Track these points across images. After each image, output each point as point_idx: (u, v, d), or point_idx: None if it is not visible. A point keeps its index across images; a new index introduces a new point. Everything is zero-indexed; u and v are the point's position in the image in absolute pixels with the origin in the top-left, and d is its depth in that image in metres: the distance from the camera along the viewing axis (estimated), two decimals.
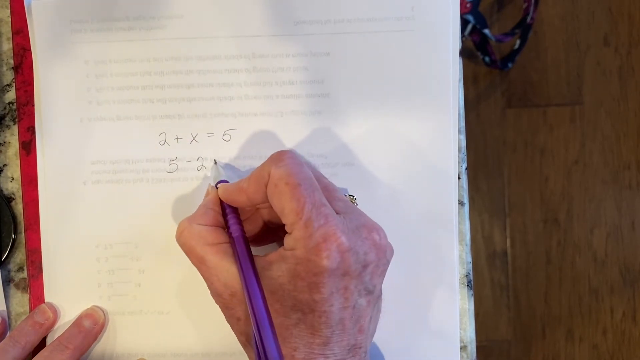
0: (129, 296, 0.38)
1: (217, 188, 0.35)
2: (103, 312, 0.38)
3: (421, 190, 0.38)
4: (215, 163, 0.38)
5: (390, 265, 0.32)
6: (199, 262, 0.32)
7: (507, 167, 1.08)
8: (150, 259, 0.38)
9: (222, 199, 0.34)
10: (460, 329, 0.39)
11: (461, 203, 0.39)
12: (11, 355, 0.36)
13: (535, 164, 1.08)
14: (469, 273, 0.39)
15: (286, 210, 0.30)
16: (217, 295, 0.32)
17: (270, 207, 0.32)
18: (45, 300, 0.38)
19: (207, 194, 0.35)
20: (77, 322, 0.37)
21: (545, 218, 1.07)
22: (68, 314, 0.38)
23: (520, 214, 1.07)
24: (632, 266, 1.07)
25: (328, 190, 0.32)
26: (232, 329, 0.33)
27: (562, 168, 1.07)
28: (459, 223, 0.39)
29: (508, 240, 1.07)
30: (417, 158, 0.38)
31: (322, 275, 0.29)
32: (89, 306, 0.38)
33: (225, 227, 0.34)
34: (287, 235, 0.31)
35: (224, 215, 0.34)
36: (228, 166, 0.38)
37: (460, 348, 0.39)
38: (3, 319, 0.39)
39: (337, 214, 0.31)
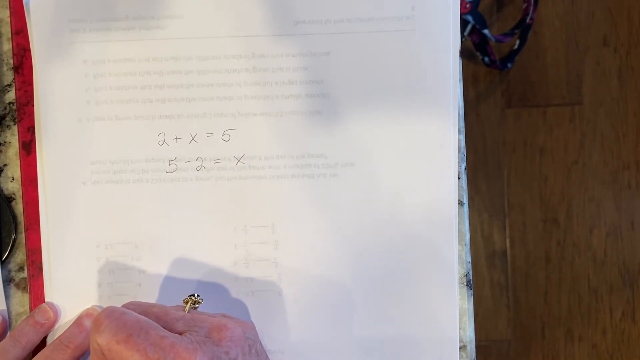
0: (129, 296, 0.38)
1: None
2: None
3: (421, 190, 0.38)
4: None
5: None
6: None
7: (507, 167, 1.08)
8: (150, 259, 0.38)
9: None
10: (459, 329, 0.39)
11: (461, 203, 0.39)
12: (12, 354, 0.36)
13: (535, 164, 1.08)
14: (468, 273, 0.39)
15: None
16: None
17: None
18: (46, 300, 0.38)
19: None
20: (78, 322, 0.37)
21: (544, 218, 1.07)
22: (68, 314, 0.38)
23: (520, 214, 1.07)
24: (632, 266, 1.07)
25: (160, 318, 0.32)
26: None
27: (561, 168, 1.07)
28: (459, 223, 0.39)
29: (507, 240, 1.07)
30: (417, 158, 0.38)
31: None
32: (89, 306, 0.38)
33: None
34: None
35: None
36: None
37: (460, 348, 0.39)
38: (3, 319, 0.39)
39: (181, 334, 0.31)
